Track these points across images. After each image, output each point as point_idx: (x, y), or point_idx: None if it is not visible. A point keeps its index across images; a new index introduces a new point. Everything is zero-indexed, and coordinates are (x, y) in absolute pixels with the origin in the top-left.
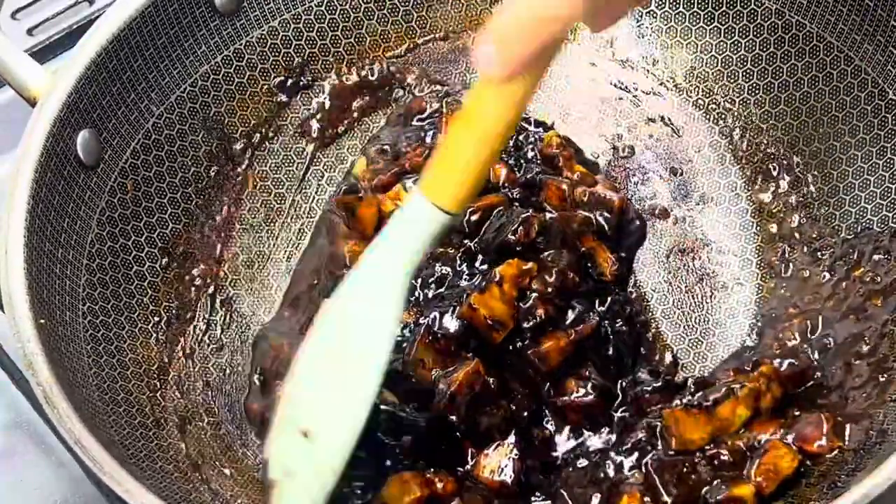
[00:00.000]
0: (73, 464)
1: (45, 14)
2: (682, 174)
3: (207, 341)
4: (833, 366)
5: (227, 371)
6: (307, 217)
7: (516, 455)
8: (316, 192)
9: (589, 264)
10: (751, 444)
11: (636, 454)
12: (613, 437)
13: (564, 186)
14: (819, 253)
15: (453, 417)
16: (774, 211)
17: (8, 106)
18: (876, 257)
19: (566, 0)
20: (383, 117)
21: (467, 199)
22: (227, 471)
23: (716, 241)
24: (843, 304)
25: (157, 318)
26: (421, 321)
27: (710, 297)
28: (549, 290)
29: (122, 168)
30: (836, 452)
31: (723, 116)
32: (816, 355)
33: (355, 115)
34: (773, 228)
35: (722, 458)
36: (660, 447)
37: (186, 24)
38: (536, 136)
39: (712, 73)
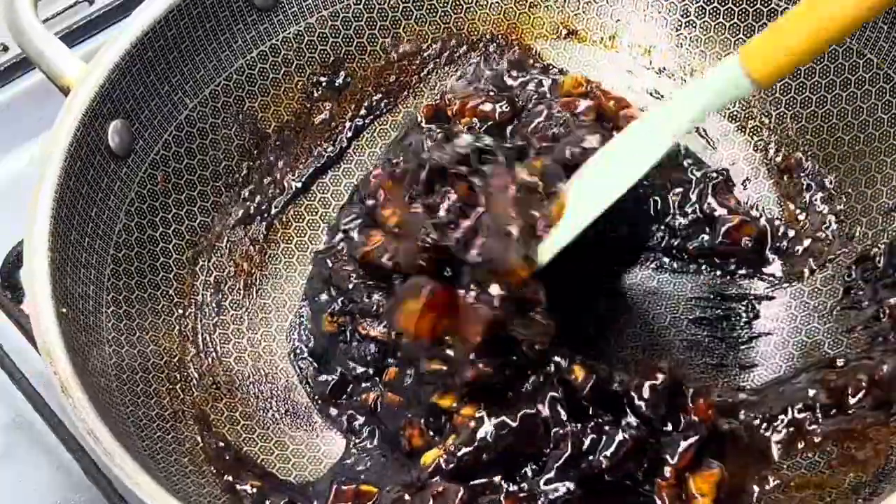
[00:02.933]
0: (73, 464)
1: (45, 14)
2: None
3: (230, 335)
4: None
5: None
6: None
7: None
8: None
9: None
10: None
11: None
12: None
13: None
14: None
15: None
16: (806, 227)
17: (36, 90)
18: None
19: None
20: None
21: (778, 77)
22: None
23: None
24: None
25: (180, 311)
26: None
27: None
28: None
29: (153, 159)
30: None
31: (758, 130)
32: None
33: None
34: (805, 244)
35: None
36: None
37: (223, 18)
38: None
39: None
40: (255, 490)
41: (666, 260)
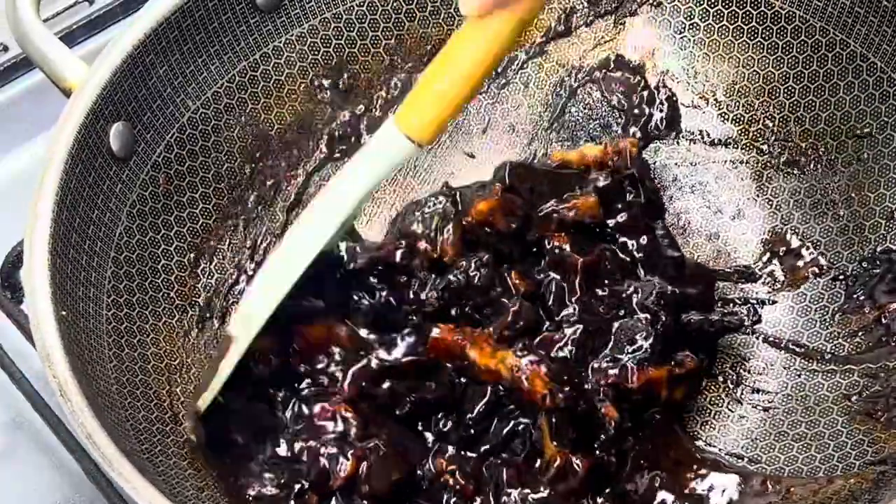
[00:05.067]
0: (73, 464)
1: (45, 14)
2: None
3: None
4: None
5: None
6: None
7: None
8: None
9: None
10: None
11: None
12: None
13: None
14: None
15: None
16: (809, 231)
17: (36, 90)
18: None
19: None
20: None
21: (436, 133)
22: None
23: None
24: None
25: (181, 314)
26: None
27: None
28: None
29: (155, 162)
30: None
31: (762, 133)
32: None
33: None
34: (808, 248)
35: None
36: None
37: (226, 20)
38: None
39: (753, 89)
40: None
41: None
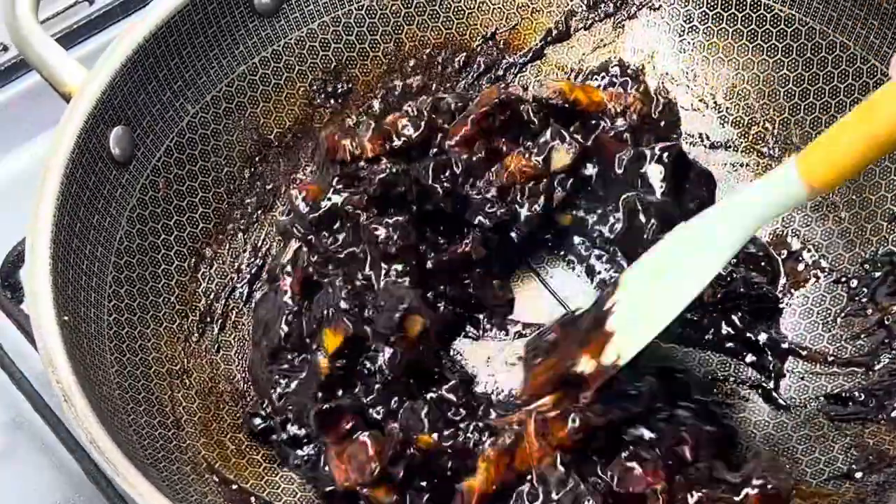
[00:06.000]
0: (73, 464)
1: (45, 14)
2: None
3: (232, 342)
4: None
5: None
6: None
7: None
8: None
9: None
10: None
11: None
12: None
13: None
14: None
15: None
16: (810, 234)
17: (35, 90)
18: None
19: None
20: None
21: (832, 187)
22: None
23: None
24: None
25: (182, 318)
26: None
27: None
28: None
29: (154, 166)
30: None
31: (762, 136)
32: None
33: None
34: (809, 251)
35: None
36: None
37: (225, 25)
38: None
39: (753, 92)
40: None
41: None
